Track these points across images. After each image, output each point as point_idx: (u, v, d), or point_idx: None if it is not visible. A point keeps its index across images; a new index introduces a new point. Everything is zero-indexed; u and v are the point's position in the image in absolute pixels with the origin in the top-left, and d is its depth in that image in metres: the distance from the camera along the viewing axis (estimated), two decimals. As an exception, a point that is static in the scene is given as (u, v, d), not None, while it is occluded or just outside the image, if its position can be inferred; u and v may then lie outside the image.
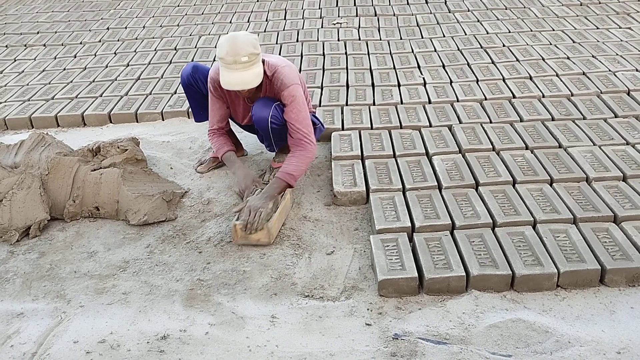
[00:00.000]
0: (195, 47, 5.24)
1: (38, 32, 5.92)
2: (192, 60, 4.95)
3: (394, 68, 4.58)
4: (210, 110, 3.33)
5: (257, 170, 3.47)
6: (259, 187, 3.12)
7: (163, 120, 4.18)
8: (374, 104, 4.04)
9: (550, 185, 3.05)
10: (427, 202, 2.97)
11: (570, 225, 2.74)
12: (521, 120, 3.72)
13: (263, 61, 3.04)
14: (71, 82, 4.75)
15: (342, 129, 3.73)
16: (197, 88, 3.41)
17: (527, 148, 3.40)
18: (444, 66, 4.57)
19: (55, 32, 5.90)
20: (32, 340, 2.37)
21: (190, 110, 4.15)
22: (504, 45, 4.87)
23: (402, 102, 4.05)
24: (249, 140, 3.71)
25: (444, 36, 5.18)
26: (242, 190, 3.15)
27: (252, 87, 2.95)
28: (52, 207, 3.16)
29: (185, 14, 6.16)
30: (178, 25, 5.85)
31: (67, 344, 2.34)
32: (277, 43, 5.24)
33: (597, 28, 5.16)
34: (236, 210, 2.95)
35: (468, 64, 4.56)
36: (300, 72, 4.55)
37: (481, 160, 3.28)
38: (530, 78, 4.29)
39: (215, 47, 2.89)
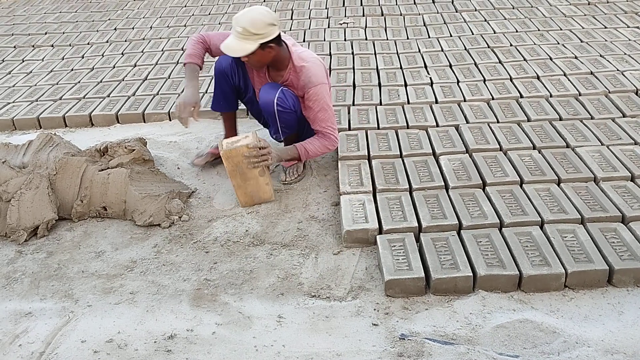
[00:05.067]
0: (202, 48, 5.26)
1: (46, 33, 5.95)
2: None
3: (401, 68, 4.58)
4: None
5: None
6: (195, 114, 3.25)
7: (170, 120, 4.19)
8: (380, 104, 4.04)
9: (558, 185, 3.04)
10: (434, 202, 2.97)
11: (578, 226, 2.73)
12: (528, 120, 3.71)
13: (288, 48, 3.15)
14: (79, 82, 4.77)
15: (349, 128, 3.73)
16: (231, 78, 3.35)
17: (534, 148, 3.39)
18: (450, 66, 4.56)
19: (63, 33, 5.92)
20: (40, 340, 2.39)
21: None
22: (511, 45, 4.85)
23: (408, 102, 4.04)
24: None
25: (451, 36, 5.17)
26: (182, 105, 3.20)
27: (233, 55, 3.06)
28: (60, 207, 3.17)
29: (192, 15, 6.17)
30: (185, 26, 5.86)
31: (75, 343, 2.35)
32: (283, 43, 5.25)
33: (605, 27, 5.14)
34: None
35: (475, 64, 4.55)
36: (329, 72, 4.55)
37: (488, 160, 3.27)
38: (538, 78, 4.27)
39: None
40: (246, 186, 3.15)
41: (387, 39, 5.19)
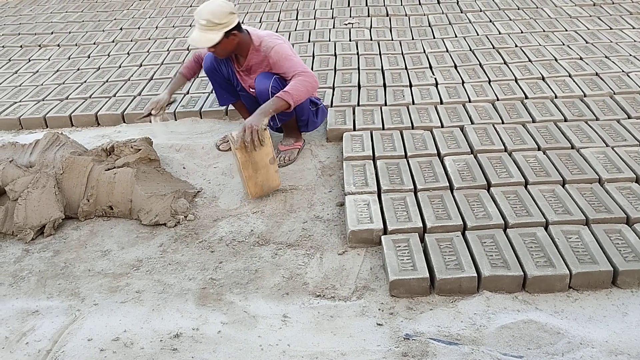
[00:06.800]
0: (208, 48, 5.27)
1: (52, 33, 5.98)
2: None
3: (406, 68, 4.58)
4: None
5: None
6: (164, 112, 3.68)
7: (176, 120, 4.21)
8: (385, 105, 4.04)
9: (563, 186, 3.04)
10: (439, 202, 2.97)
11: (583, 227, 2.73)
12: (533, 121, 3.71)
13: (249, 33, 3.37)
14: (85, 82, 4.79)
15: (354, 129, 3.74)
16: (219, 71, 3.58)
17: (539, 149, 3.39)
18: (455, 66, 4.56)
19: (69, 33, 5.95)
20: (47, 338, 2.40)
21: (201, 110, 4.19)
22: (516, 46, 4.85)
23: (413, 103, 4.05)
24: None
25: (456, 36, 5.17)
26: (150, 103, 3.66)
27: (199, 46, 3.34)
28: (67, 206, 3.19)
29: (198, 15, 6.18)
30: (191, 26, 5.88)
31: (82, 342, 2.36)
32: (289, 43, 5.26)
33: (611, 28, 5.13)
34: (235, 133, 3.10)
35: (480, 65, 4.55)
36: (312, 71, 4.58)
37: (493, 161, 3.28)
38: (543, 79, 4.27)
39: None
40: (257, 176, 3.18)
41: (392, 40, 5.20)
